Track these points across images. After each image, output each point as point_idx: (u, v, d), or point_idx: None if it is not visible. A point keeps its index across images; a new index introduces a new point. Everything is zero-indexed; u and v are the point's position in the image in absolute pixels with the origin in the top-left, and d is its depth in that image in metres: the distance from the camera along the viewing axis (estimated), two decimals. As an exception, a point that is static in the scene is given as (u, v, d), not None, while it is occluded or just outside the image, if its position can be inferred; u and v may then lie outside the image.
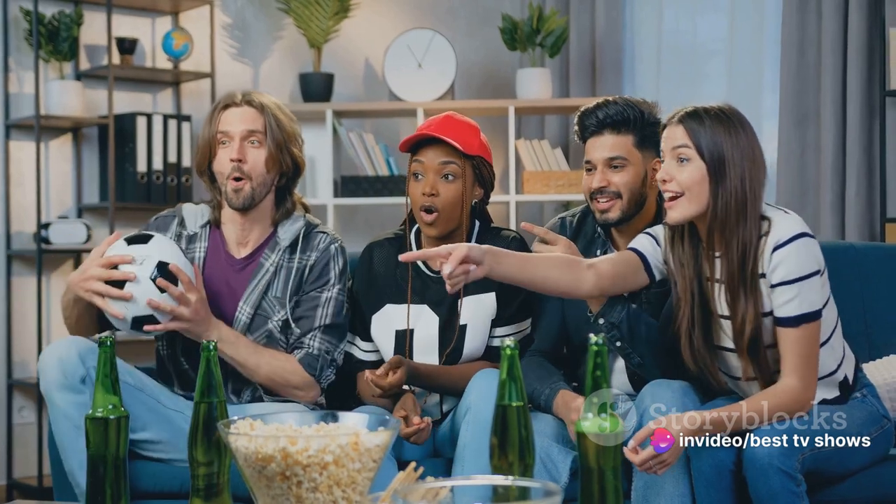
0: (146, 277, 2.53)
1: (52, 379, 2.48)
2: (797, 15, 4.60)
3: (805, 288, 2.38)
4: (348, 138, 5.05)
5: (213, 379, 1.82)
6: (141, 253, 2.56)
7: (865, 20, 4.40)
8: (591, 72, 5.42)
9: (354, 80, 5.49)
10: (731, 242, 2.41)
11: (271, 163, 2.71)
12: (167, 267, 2.55)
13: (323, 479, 1.59)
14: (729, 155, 2.40)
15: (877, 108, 4.37)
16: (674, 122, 2.46)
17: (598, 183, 2.66)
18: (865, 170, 4.41)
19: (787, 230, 2.40)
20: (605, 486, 1.55)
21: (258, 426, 1.69)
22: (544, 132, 5.51)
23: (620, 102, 2.67)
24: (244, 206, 2.72)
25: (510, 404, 1.62)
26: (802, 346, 2.39)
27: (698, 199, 2.41)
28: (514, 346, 1.64)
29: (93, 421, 1.84)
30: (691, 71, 5.21)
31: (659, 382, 2.51)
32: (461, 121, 2.75)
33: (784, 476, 2.25)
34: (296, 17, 5.04)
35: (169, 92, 5.01)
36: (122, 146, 4.66)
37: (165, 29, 4.96)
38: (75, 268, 4.71)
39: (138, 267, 2.54)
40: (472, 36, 5.64)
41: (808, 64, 4.59)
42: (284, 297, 2.73)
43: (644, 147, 2.67)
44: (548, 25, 5.04)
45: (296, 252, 2.77)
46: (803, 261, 2.39)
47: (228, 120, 2.72)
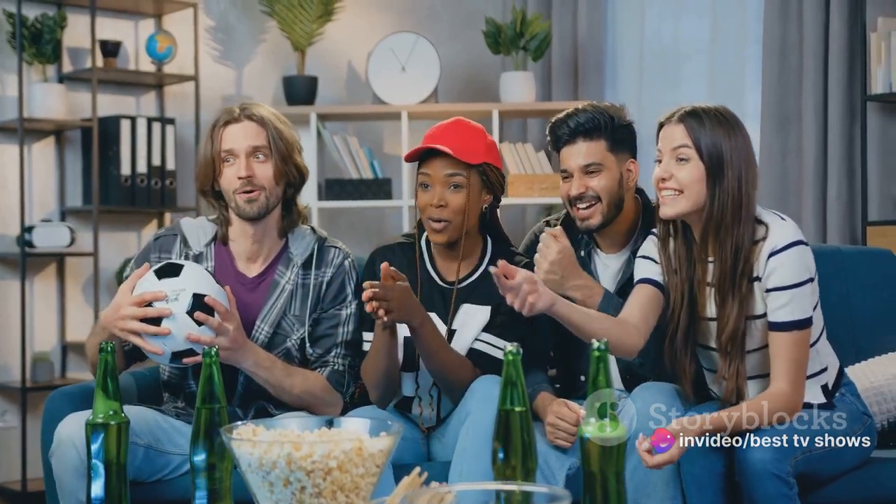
0: (182, 312, 2.47)
1: (67, 462, 2.41)
2: (778, 19, 4.64)
3: (798, 295, 2.42)
4: (332, 141, 5.05)
5: (215, 385, 1.82)
6: (174, 287, 2.50)
7: (846, 24, 4.44)
8: (573, 75, 5.44)
9: (338, 83, 5.49)
10: (724, 243, 2.44)
11: (279, 175, 2.69)
12: (203, 299, 2.49)
13: (327, 485, 1.60)
14: (727, 156, 2.43)
15: (858, 112, 4.42)
16: (673, 120, 2.49)
17: (577, 190, 2.68)
18: (847, 173, 4.45)
19: (783, 237, 2.43)
20: (608, 490, 1.57)
21: (261, 432, 1.70)
22: (526, 135, 5.53)
23: (590, 109, 2.69)
24: (259, 215, 2.68)
25: (513, 409, 1.63)
26: (792, 352, 2.42)
27: (695, 197, 2.45)
28: (515, 351, 1.65)
29: (94, 427, 1.84)
30: (673, 74, 5.24)
31: (648, 385, 2.54)
32: (467, 126, 2.73)
33: (777, 480, 2.27)
34: (280, 20, 5.03)
35: (152, 95, 5.00)
36: (106, 149, 4.65)
37: (148, 31, 4.95)
38: (59, 271, 4.70)
39: (174, 303, 2.48)
40: (454, 39, 5.65)
41: (789, 67, 4.63)
42: (304, 315, 2.72)
43: (617, 150, 2.70)
44: (531, 29, 5.06)
45: (310, 268, 2.74)
46: (798, 268, 2.42)
47: (230, 137, 2.68)
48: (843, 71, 4.44)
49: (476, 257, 2.79)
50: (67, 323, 4.71)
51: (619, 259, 2.78)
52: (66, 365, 4.71)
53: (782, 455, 2.31)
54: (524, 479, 1.61)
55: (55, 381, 4.51)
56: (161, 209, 4.81)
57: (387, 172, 5.17)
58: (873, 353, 3.00)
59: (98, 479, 1.83)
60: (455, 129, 2.71)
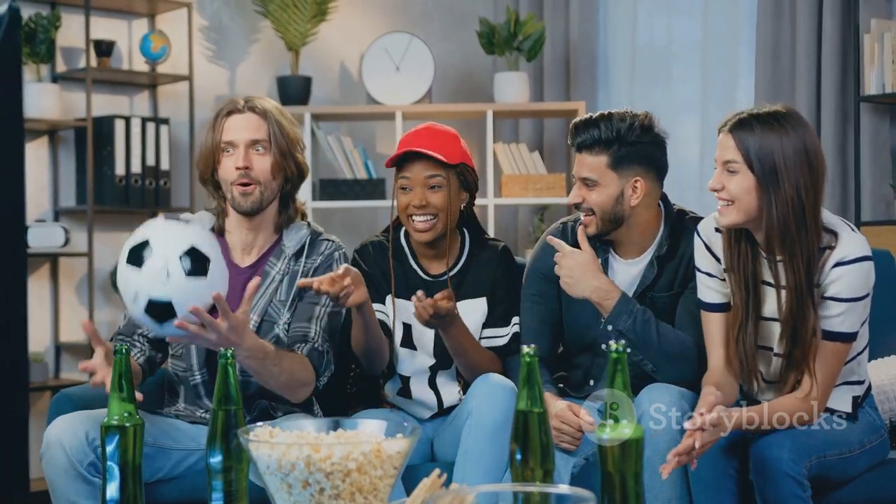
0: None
1: (57, 464, 2.38)
2: (771, 20, 4.66)
3: (853, 308, 2.42)
4: (326, 141, 5.05)
5: (231, 387, 1.82)
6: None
7: (839, 25, 4.47)
8: (565, 75, 5.45)
9: (332, 84, 5.49)
10: (794, 252, 2.40)
11: (276, 169, 2.69)
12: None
13: (346, 487, 1.60)
14: (780, 164, 2.38)
15: (851, 113, 4.44)
16: (725, 130, 2.45)
17: (573, 199, 2.72)
18: (840, 173, 4.48)
19: (854, 249, 2.40)
20: (626, 491, 1.58)
21: (277, 433, 1.70)
22: (518, 135, 5.54)
23: (601, 122, 2.65)
24: (253, 210, 2.69)
25: (532, 410, 1.63)
26: (831, 362, 2.43)
27: (747, 207, 2.41)
28: (533, 353, 1.66)
29: (108, 429, 1.84)
30: (665, 74, 5.26)
31: (656, 386, 2.54)
32: (441, 130, 2.83)
33: (792, 482, 2.28)
34: (274, 20, 5.03)
35: (146, 94, 4.99)
36: (100, 149, 4.64)
37: (142, 31, 4.94)
38: (52, 271, 4.68)
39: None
40: (447, 39, 5.66)
41: (782, 68, 4.65)
42: (289, 300, 2.72)
43: (621, 167, 2.65)
44: (525, 29, 5.07)
45: (301, 258, 2.76)
46: (861, 283, 2.41)
47: (232, 128, 2.69)
48: (837, 72, 4.47)
49: (455, 252, 2.90)
50: (61, 323, 4.70)
51: (637, 265, 2.76)
52: (60, 365, 4.69)
53: (798, 456, 2.32)
54: (542, 481, 1.62)
55: (49, 382, 4.50)
56: (155, 209, 4.80)
57: (381, 173, 5.17)
58: (875, 355, 3.00)
59: (113, 480, 1.83)
60: (430, 133, 2.81)
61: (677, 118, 5.10)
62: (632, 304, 2.64)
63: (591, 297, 2.64)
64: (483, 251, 2.90)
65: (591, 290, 2.63)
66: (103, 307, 4.79)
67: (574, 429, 2.57)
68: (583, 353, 2.82)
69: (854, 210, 4.39)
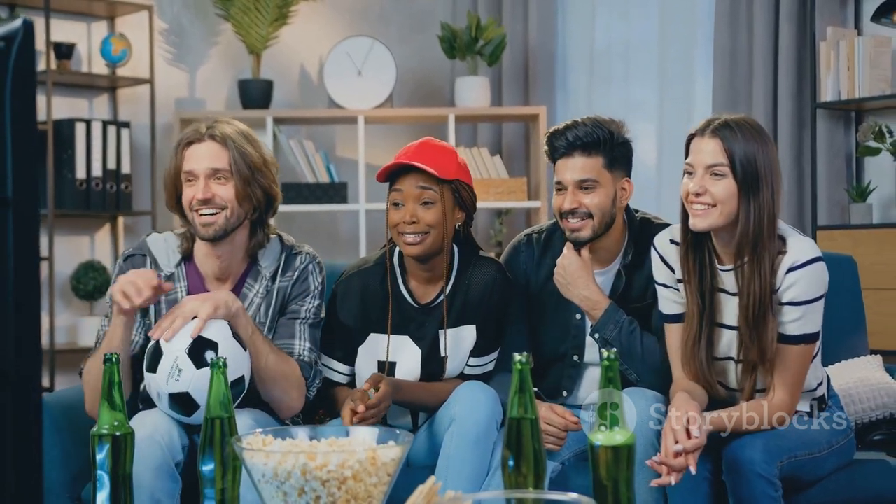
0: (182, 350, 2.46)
1: (150, 460, 2.36)
2: (728, 27, 4.73)
3: (811, 310, 2.46)
4: (288, 145, 5.05)
5: (223, 395, 1.83)
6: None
7: (796, 33, 4.55)
8: (524, 80, 5.49)
9: (293, 87, 5.49)
10: (762, 257, 2.44)
11: (240, 197, 2.63)
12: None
13: (341, 494, 1.61)
14: (762, 170, 2.42)
15: (807, 120, 4.53)
16: (707, 133, 2.46)
17: (570, 204, 2.68)
18: (797, 179, 4.57)
19: (804, 253, 2.45)
20: (618, 497, 1.61)
21: (271, 442, 1.71)
22: (477, 139, 5.57)
23: (589, 124, 2.68)
24: (216, 237, 2.63)
25: (525, 417, 1.65)
26: (797, 364, 2.47)
27: (729, 211, 2.44)
28: (524, 360, 1.68)
29: (99, 438, 1.84)
30: (623, 79, 5.31)
31: (633, 390, 2.57)
32: (436, 145, 2.75)
33: (764, 482, 2.33)
34: (235, 24, 5.02)
35: (106, 97, 4.96)
36: (61, 152, 4.61)
37: (101, 34, 4.91)
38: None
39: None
40: (405, 43, 5.67)
41: (740, 75, 4.72)
42: (268, 321, 2.69)
43: (613, 168, 2.69)
44: (486, 34, 5.10)
45: (277, 277, 2.73)
46: (815, 285, 2.45)
47: (192, 158, 2.63)
48: (793, 79, 4.55)
49: (445, 272, 2.79)
50: (20, 328, 4.64)
51: (606, 274, 2.78)
52: (20, 371, 4.64)
53: (770, 457, 2.36)
54: (535, 487, 1.64)
55: (9, 388, 4.45)
56: (116, 213, 4.77)
57: (342, 176, 5.18)
58: (839, 358, 3.07)
59: (103, 489, 1.83)
60: (426, 148, 2.73)
61: (635, 121, 5.14)
62: (619, 314, 2.67)
63: (580, 304, 2.68)
64: (475, 272, 2.78)
65: (580, 299, 2.67)
66: (63, 311, 4.75)
67: (558, 428, 2.61)
68: (554, 363, 2.86)
69: (811, 215, 4.48)
